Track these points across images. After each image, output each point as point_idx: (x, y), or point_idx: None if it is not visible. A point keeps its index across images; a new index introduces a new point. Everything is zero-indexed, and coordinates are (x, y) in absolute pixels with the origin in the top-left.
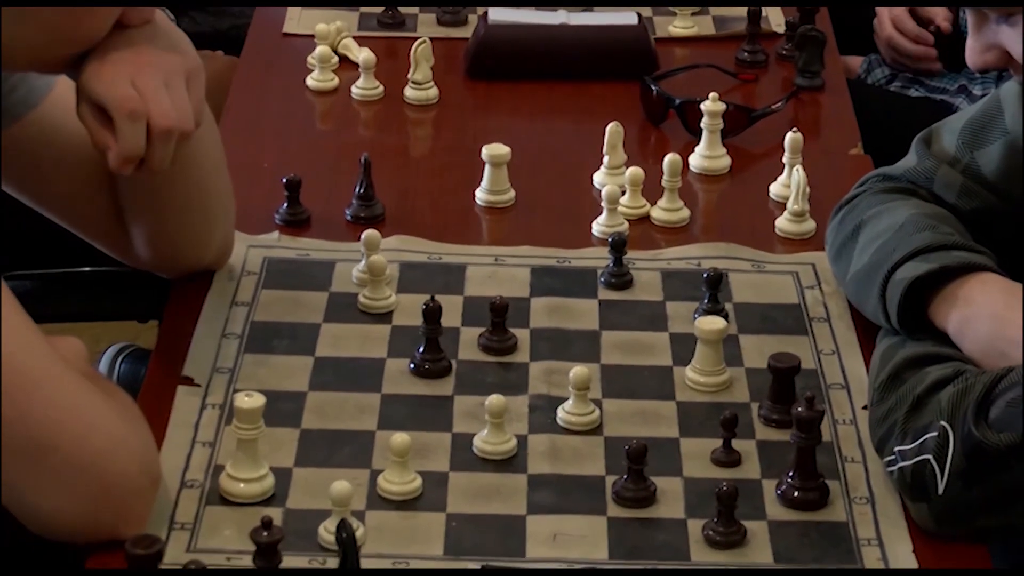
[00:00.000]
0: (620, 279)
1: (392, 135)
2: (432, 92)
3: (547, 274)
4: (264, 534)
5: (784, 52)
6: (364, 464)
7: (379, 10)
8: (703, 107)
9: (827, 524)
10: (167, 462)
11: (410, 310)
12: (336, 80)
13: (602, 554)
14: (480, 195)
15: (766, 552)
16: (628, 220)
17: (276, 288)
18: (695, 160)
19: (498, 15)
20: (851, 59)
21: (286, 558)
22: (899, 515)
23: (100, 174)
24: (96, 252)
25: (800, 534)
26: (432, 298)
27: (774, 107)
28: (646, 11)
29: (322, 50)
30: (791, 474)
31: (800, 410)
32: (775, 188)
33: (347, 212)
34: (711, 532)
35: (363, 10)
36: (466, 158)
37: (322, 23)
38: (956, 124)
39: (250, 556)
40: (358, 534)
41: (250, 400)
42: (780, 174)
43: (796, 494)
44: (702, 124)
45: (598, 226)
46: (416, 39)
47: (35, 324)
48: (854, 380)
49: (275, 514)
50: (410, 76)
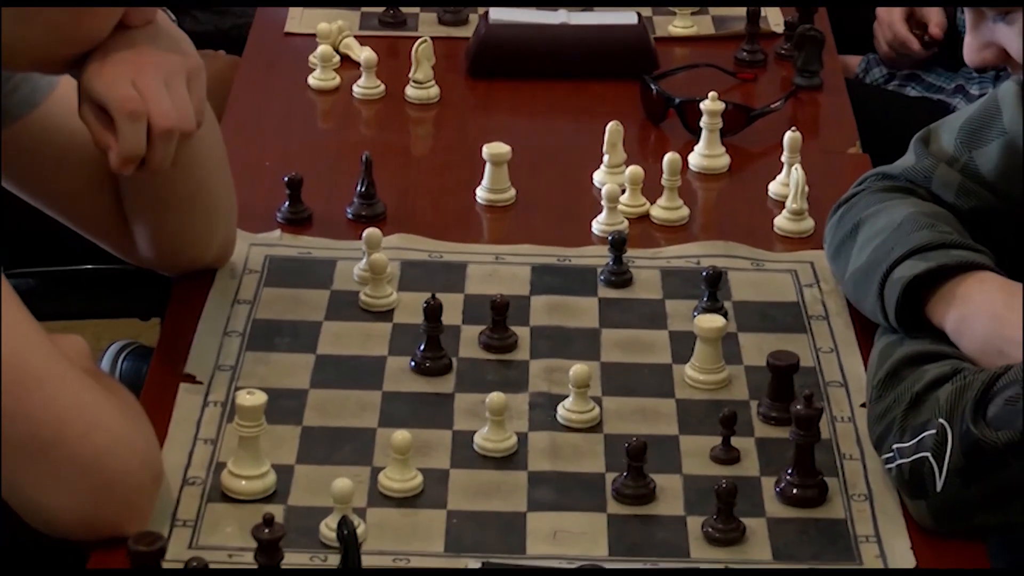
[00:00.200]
0: (620, 277)
1: (393, 134)
2: (433, 91)
3: (547, 272)
4: (266, 531)
5: (783, 52)
6: (365, 461)
7: (380, 9)
8: (702, 106)
9: (826, 521)
10: (169, 459)
11: (411, 308)
12: (337, 79)
13: (602, 551)
14: (481, 194)
15: (765, 549)
16: (628, 219)
17: (278, 286)
18: (694, 159)
19: (499, 15)
20: (849, 59)
21: (287, 555)
22: (897, 512)
23: (102, 173)
24: (98, 250)
25: (799, 531)
26: (433, 296)
27: (773, 106)
28: (646, 11)
29: (324, 49)
30: (790, 471)
31: (799, 408)
32: (774, 187)
33: (348, 210)
34: (710, 529)
35: (364, 9)
36: (467, 157)
37: (324, 22)
38: (954, 124)
39: (252, 553)
40: (359, 531)
41: (252, 397)
42: (779, 173)
43: (795, 491)
44: (701, 123)
45: (598, 224)
46: (417, 38)
47: (37, 322)
48: (852, 378)
49: (276, 511)
50: (411, 75)
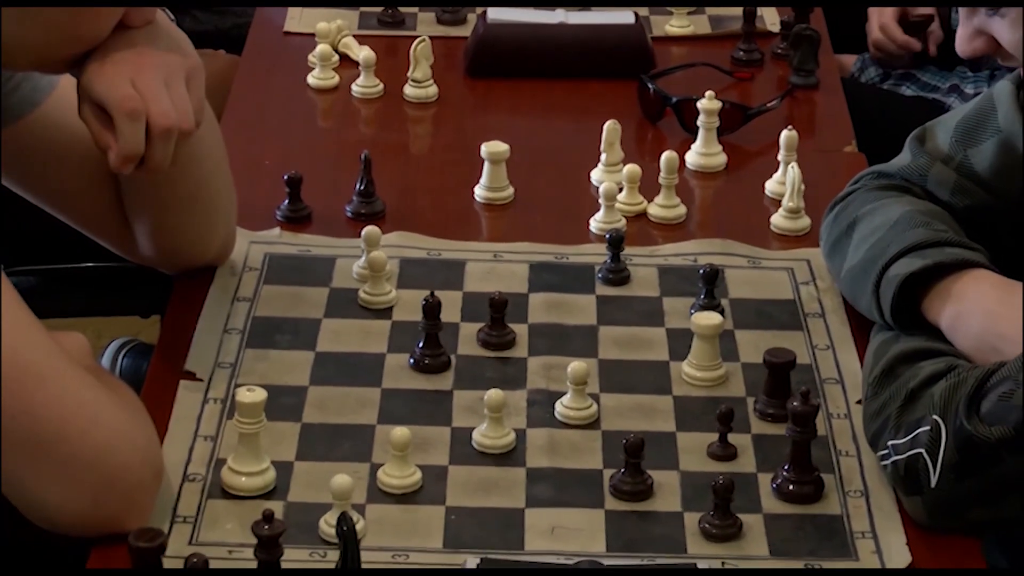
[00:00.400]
0: (617, 275)
1: (392, 133)
2: (432, 90)
3: (545, 270)
4: (265, 527)
5: (779, 51)
6: (364, 458)
7: (379, 9)
8: (699, 105)
9: (822, 517)
10: (169, 456)
11: (410, 306)
12: (337, 78)
13: (600, 547)
14: (479, 192)
15: (762, 545)
16: (625, 217)
17: (277, 284)
18: (691, 157)
19: (497, 14)
20: (845, 58)
21: (287, 551)
22: (893, 508)
23: (103, 172)
24: (99, 248)
25: (795, 527)
26: (432, 294)
27: (769, 105)
28: (643, 10)
29: (323, 48)
30: (786, 468)
31: (795, 405)
32: (770, 185)
33: (348, 209)
34: (707, 525)
35: (363, 9)
36: (465, 155)
37: (323, 22)
38: (949, 122)
39: (251, 549)
40: (358, 527)
41: (252, 394)
42: (775, 171)
43: (791, 487)
44: (698, 122)
45: (596, 223)
46: (416, 38)
47: (38, 319)
48: (848, 375)
49: (276, 507)
50: (410, 74)
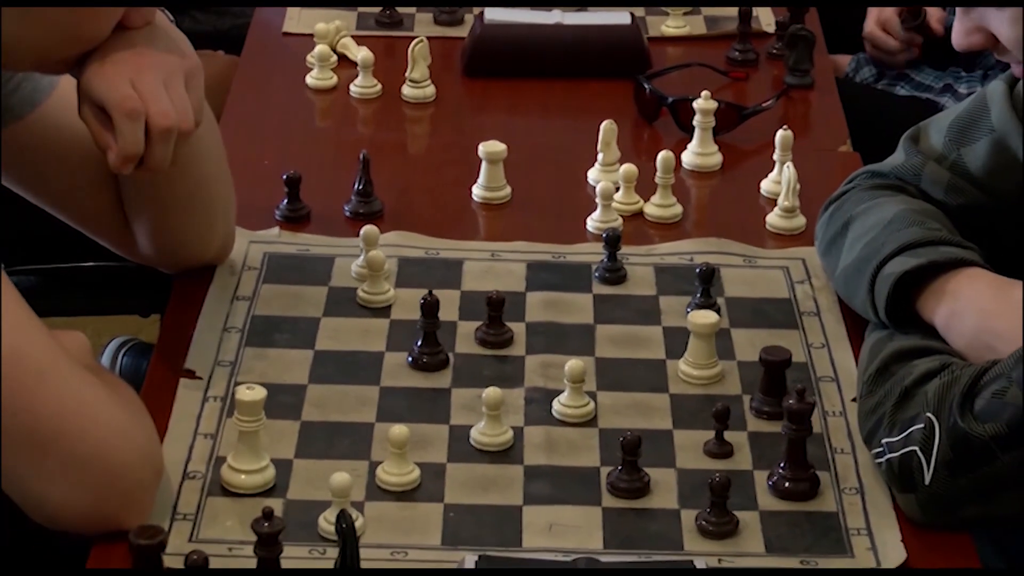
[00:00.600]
0: (614, 274)
1: (390, 132)
2: (429, 90)
3: (543, 269)
4: (265, 524)
5: (774, 51)
6: (363, 456)
7: (377, 10)
8: (695, 105)
9: (817, 514)
10: (169, 454)
11: (408, 304)
12: (335, 79)
13: (597, 544)
14: (477, 191)
15: (758, 541)
16: (622, 216)
17: (276, 283)
18: (687, 157)
19: (494, 15)
20: (839, 58)
21: (286, 548)
22: (888, 505)
23: (103, 172)
24: (99, 248)
25: (791, 524)
26: (430, 292)
27: (764, 105)
28: (639, 11)
29: (321, 49)
30: (782, 465)
31: (791, 402)
32: (766, 184)
33: (346, 208)
34: (704, 522)
35: (361, 10)
36: (463, 155)
37: (321, 22)
38: (943, 122)
39: (251, 546)
40: (357, 524)
41: (251, 393)
42: (771, 171)
43: (787, 485)
44: (694, 122)
45: (593, 222)
46: (413, 38)
47: (39, 318)
48: (843, 373)
49: (276, 505)
50: (408, 75)
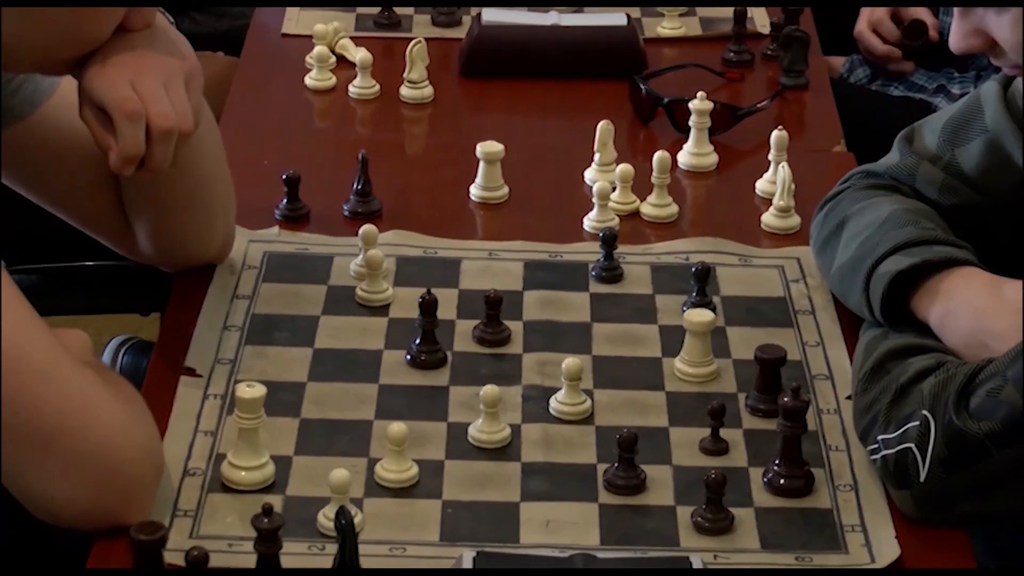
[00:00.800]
0: (611, 273)
1: (389, 133)
2: (427, 91)
3: (540, 268)
4: (265, 520)
5: (769, 52)
6: (362, 452)
7: (376, 11)
8: (691, 106)
9: (812, 511)
10: (170, 451)
11: (407, 303)
12: (334, 79)
13: (594, 540)
14: (475, 191)
15: (753, 538)
16: (618, 215)
17: (276, 282)
18: (683, 157)
19: (491, 16)
20: (834, 59)
21: (286, 544)
22: (882, 502)
23: (103, 172)
24: (100, 247)
25: (786, 520)
26: (428, 291)
27: (759, 106)
28: (635, 12)
29: (320, 50)
30: (777, 462)
31: (786, 400)
32: (761, 184)
33: (345, 208)
34: (699, 518)
35: (360, 11)
36: (461, 155)
37: (320, 24)
38: (937, 122)
39: (251, 542)
40: (356, 521)
41: (251, 390)
42: (766, 171)
43: (782, 482)
44: (690, 122)
45: (589, 221)
46: (412, 39)
47: (40, 317)
48: (838, 371)
49: (275, 501)
50: (406, 75)
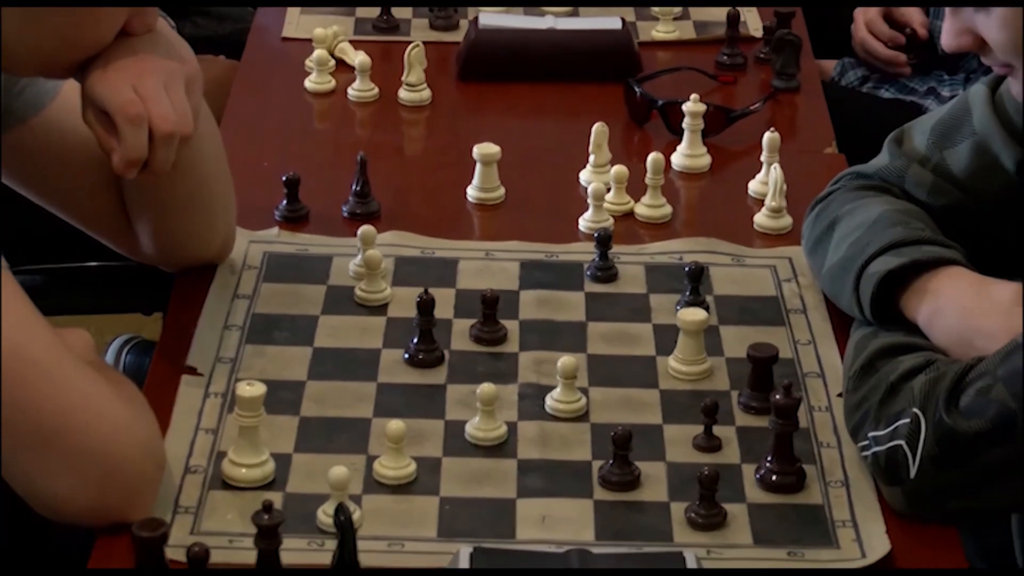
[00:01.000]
0: (606, 272)
1: (387, 135)
2: (425, 94)
3: (536, 268)
4: (265, 517)
5: (762, 55)
6: (361, 450)
7: (375, 15)
8: (684, 108)
9: (804, 507)
10: (171, 449)
11: (405, 302)
12: (333, 82)
13: (589, 535)
14: (471, 192)
15: (745, 533)
16: (613, 216)
17: (276, 281)
18: (677, 159)
19: (488, 20)
20: (825, 62)
21: (286, 540)
22: (873, 498)
23: (105, 174)
24: (102, 247)
25: (778, 516)
26: (426, 291)
27: (752, 108)
28: (630, 15)
29: (319, 54)
30: (769, 459)
31: (778, 398)
32: (753, 185)
33: (344, 209)
34: (693, 514)
35: (359, 15)
36: (458, 157)
37: (319, 28)
38: (926, 124)
39: (251, 538)
40: (355, 517)
41: (251, 389)
42: (758, 172)
43: (774, 478)
44: (683, 124)
45: (584, 222)
46: (410, 43)
47: (43, 316)
48: (829, 369)
49: (275, 498)
50: (404, 78)
